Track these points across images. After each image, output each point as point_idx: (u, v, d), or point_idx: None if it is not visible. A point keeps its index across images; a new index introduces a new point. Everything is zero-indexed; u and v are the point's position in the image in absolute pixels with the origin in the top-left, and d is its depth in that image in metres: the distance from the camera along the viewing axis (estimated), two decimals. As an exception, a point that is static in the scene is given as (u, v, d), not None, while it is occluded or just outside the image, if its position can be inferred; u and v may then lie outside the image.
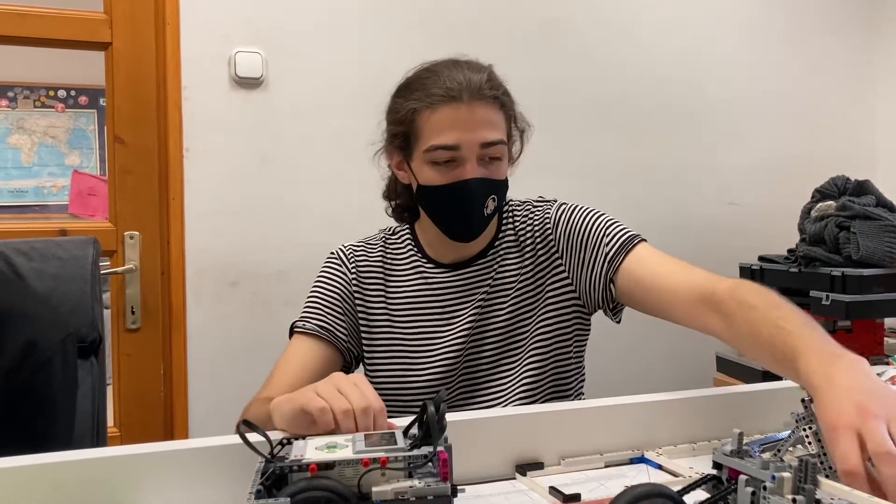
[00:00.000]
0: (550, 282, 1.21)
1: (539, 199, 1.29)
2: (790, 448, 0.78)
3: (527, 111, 1.23)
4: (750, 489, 0.64)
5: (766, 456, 0.72)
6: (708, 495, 0.71)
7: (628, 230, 1.18)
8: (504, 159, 1.16)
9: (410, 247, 1.26)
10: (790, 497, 0.61)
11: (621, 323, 1.22)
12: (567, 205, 1.24)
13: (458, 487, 0.68)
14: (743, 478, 0.65)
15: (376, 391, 0.84)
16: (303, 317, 1.22)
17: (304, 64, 1.97)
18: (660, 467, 0.92)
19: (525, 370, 1.19)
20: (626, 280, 1.14)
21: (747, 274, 2.05)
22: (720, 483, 0.71)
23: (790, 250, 2.00)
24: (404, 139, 1.15)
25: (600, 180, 2.24)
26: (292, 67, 1.96)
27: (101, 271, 1.37)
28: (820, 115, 2.52)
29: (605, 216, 1.21)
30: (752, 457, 0.69)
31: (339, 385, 0.83)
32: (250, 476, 0.65)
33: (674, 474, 0.89)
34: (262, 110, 1.94)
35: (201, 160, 1.89)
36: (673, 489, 0.66)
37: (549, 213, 1.23)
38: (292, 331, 1.22)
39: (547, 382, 1.19)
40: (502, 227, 1.25)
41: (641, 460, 0.95)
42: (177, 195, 1.87)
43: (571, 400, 1.22)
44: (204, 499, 0.78)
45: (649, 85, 2.29)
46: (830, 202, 1.93)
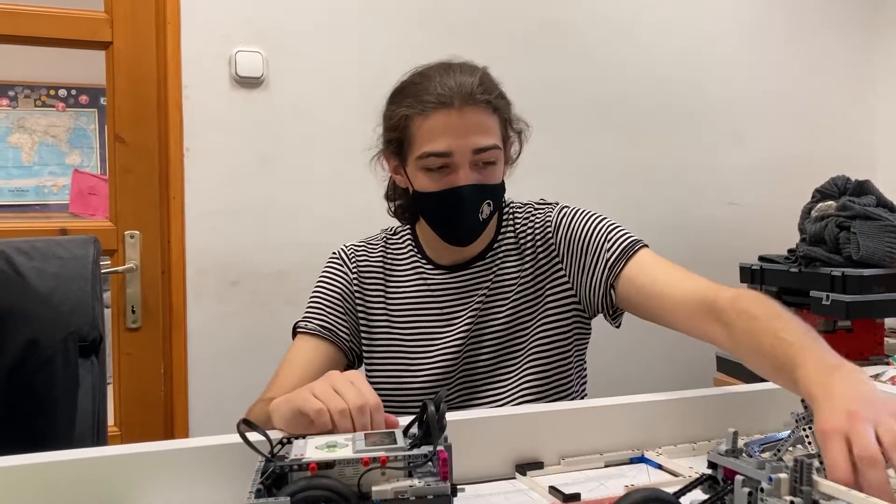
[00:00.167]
0: (550, 285, 1.21)
1: (541, 201, 1.28)
2: (790, 448, 0.78)
3: (526, 111, 1.22)
4: (746, 490, 0.64)
5: (766, 456, 0.72)
6: (706, 496, 0.71)
7: (630, 235, 1.17)
8: (499, 163, 1.15)
9: (411, 247, 1.26)
10: (788, 499, 0.61)
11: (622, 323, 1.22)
12: (568, 208, 1.23)
13: (458, 487, 0.68)
14: (739, 478, 0.66)
15: (374, 391, 0.84)
16: (305, 317, 1.22)
17: (304, 64, 1.97)
18: (660, 467, 0.92)
19: (527, 373, 1.18)
20: (627, 286, 1.13)
21: (747, 274, 2.05)
22: (716, 483, 0.71)
23: (790, 250, 1.99)
24: (398, 145, 1.15)
25: (600, 180, 2.24)
26: (293, 67, 1.96)
27: (102, 270, 1.37)
28: (820, 115, 2.51)
29: (606, 220, 1.19)
30: (752, 457, 0.69)
31: (335, 384, 0.83)
32: (250, 475, 0.65)
33: (674, 474, 0.89)
34: (263, 110, 1.94)
35: (202, 160, 1.89)
36: (670, 490, 0.66)
37: (551, 216, 1.23)
38: (295, 331, 1.22)
39: (551, 384, 1.19)
40: (502, 229, 1.24)
41: (641, 460, 0.95)
42: (177, 195, 1.88)
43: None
44: (204, 498, 0.79)
45: (649, 85, 2.29)
46: (831, 202, 1.92)
